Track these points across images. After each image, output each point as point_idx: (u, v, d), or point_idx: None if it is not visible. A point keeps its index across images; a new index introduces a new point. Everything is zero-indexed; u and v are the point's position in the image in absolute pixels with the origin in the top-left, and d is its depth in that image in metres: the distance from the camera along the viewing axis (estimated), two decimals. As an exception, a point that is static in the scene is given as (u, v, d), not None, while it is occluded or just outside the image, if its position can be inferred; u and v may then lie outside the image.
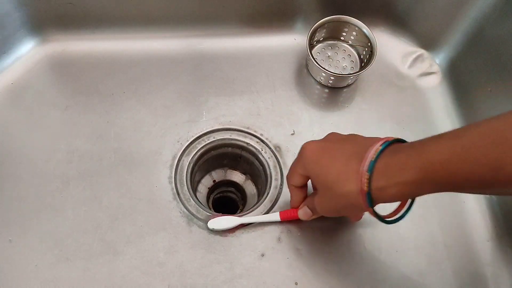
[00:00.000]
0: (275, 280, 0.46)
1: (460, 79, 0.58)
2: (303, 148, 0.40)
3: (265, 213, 0.50)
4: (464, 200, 0.52)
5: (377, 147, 0.35)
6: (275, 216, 0.48)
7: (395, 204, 0.39)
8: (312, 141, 0.40)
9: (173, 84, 0.57)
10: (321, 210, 0.41)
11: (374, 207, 0.36)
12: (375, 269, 0.48)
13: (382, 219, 0.37)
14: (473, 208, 0.52)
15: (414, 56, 0.61)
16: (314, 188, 0.43)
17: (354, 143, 0.37)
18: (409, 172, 0.32)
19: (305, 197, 0.45)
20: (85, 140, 0.52)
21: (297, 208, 0.46)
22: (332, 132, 0.42)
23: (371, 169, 0.34)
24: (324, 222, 0.49)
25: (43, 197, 0.49)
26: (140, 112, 0.55)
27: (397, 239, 0.49)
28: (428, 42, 0.61)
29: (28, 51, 0.58)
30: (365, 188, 0.34)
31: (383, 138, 0.36)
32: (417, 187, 0.33)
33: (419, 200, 0.51)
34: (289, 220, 0.48)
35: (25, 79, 0.56)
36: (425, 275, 0.48)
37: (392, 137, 0.36)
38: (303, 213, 0.45)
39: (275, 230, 0.49)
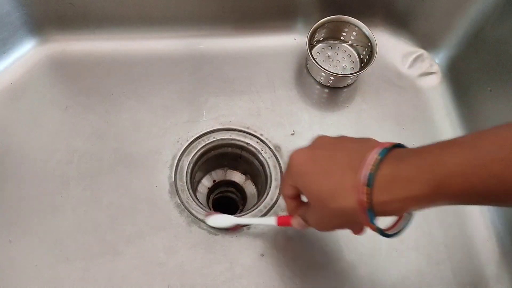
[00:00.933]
0: (275, 280, 0.46)
1: (460, 79, 0.58)
2: (290, 158, 0.36)
3: (265, 213, 0.50)
4: (464, 200, 0.52)
5: (375, 156, 0.31)
6: (271, 220, 0.45)
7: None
8: (300, 149, 0.36)
9: (173, 84, 0.57)
10: (316, 225, 0.37)
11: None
12: (375, 269, 0.48)
13: (383, 233, 0.33)
14: (473, 208, 0.52)
15: (414, 56, 0.61)
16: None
17: (347, 151, 0.33)
18: (419, 185, 0.29)
19: (299, 205, 0.40)
20: (85, 140, 0.52)
21: (290, 216, 0.42)
22: (320, 136, 0.37)
23: (371, 182, 0.30)
24: (324, 222, 0.49)
25: (43, 197, 0.49)
26: (140, 112, 0.55)
27: (397, 239, 0.49)
28: (428, 42, 0.61)
29: (28, 51, 0.58)
30: (365, 204, 0.30)
31: (379, 144, 0.32)
32: (427, 201, 0.30)
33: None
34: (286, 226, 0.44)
35: (25, 79, 0.56)
36: (425, 275, 0.48)
37: (390, 143, 0.32)
38: (297, 223, 0.40)
39: (275, 230, 0.49)
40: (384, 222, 0.34)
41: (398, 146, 0.32)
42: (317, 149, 0.36)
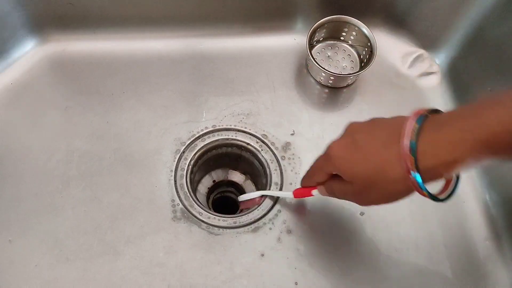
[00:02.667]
0: (275, 280, 0.46)
1: (460, 79, 0.58)
2: (330, 148, 0.37)
3: (266, 213, 0.50)
4: (464, 200, 0.52)
5: (413, 123, 0.32)
6: (288, 194, 0.48)
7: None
8: (337, 140, 0.37)
9: (173, 84, 0.57)
10: (364, 203, 0.38)
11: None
12: (375, 269, 0.48)
13: (435, 198, 0.34)
14: (473, 208, 0.52)
15: (414, 56, 0.61)
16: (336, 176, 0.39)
17: (383, 128, 0.35)
18: (465, 148, 0.30)
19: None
20: (85, 140, 0.52)
21: (311, 187, 0.43)
22: (351, 124, 0.38)
23: (414, 150, 0.31)
24: (324, 222, 0.49)
25: (43, 197, 0.49)
26: (140, 112, 0.55)
27: (397, 239, 0.49)
28: (428, 42, 0.61)
29: (28, 51, 0.58)
30: (413, 171, 0.31)
31: (413, 113, 0.33)
32: (474, 160, 0.31)
33: (419, 200, 0.51)
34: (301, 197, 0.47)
35: (25, 79, 0.56)
36: (425, 275, 0.48)
37: (424, 109, 0.33)
38: (320, 192, 0.42)
39: (275, 230, 0.49)
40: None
41: (434, 111, 0.33)
42: (354, 134, 0.36)
